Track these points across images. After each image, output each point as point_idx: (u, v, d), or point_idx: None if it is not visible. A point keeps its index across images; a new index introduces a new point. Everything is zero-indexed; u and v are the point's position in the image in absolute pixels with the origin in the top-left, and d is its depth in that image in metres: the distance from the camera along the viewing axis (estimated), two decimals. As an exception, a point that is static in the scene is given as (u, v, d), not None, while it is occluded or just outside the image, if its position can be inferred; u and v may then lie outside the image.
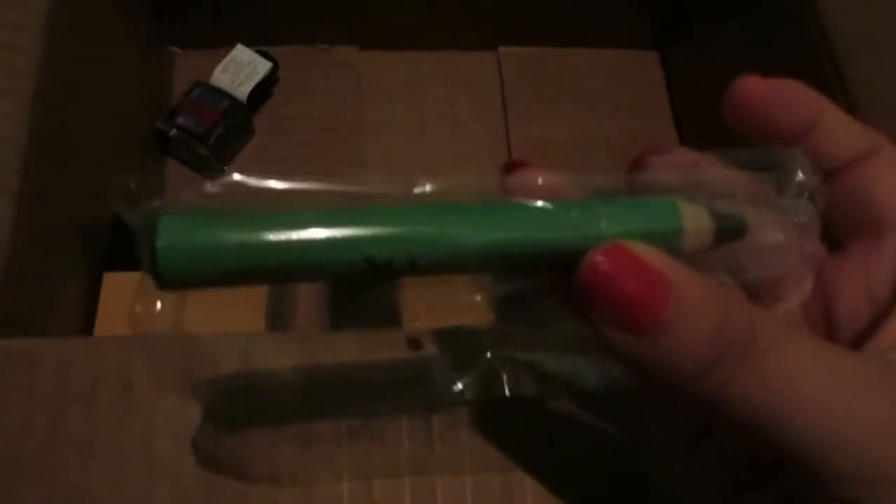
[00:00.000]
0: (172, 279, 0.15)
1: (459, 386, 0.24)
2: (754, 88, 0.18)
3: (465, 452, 0.24)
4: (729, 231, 0.16)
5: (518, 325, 0.25)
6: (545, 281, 0.17)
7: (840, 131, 0.18)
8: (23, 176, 0.27)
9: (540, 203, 0.16)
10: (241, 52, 0.46)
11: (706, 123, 0.47)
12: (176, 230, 0.15)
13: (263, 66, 0.46)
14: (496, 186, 0.17)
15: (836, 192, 0.17)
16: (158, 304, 0.18)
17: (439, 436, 0.24)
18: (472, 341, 0.25)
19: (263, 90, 0.47)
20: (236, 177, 0.15)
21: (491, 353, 0.24)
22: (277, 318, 0.34)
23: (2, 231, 0.26)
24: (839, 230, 0.18)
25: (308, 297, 0.42)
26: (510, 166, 0.17)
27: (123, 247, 0.34)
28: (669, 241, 0.16)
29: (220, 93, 0.44)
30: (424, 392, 0.25)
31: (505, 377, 0.24)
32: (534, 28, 0.50)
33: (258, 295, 0.33)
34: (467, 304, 0.34)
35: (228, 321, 0.32)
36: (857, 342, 0.16)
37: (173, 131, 0.43)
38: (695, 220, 0.16)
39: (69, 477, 0.23)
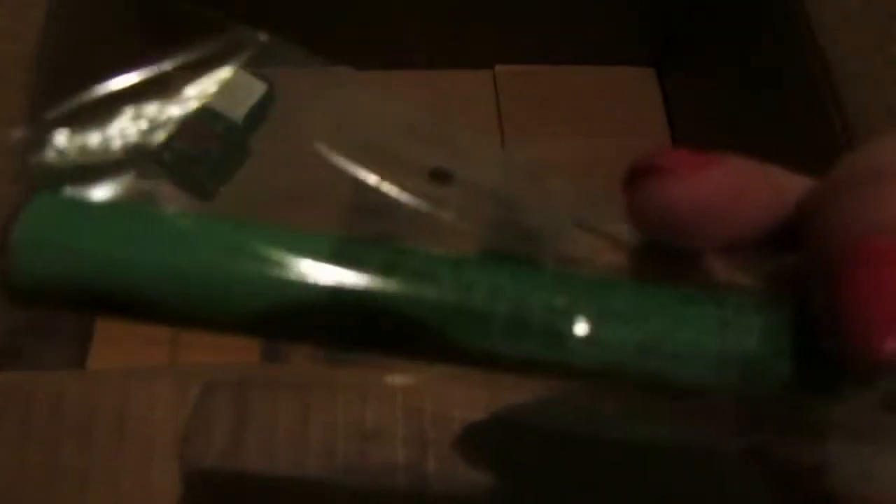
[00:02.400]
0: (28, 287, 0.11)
1: None
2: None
3: (460, 488, 0.24)
4: None
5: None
6: None
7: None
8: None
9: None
10: (236, 74, 0.46)
11: (704, 141, 0.47)
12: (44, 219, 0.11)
13: (259, 88, 0.45)
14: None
15: None
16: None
17: (434, 474, 0.24)
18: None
19: (259, 112, 0.46)
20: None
21: None
22: (272, 349, 0.33)
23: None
24: None
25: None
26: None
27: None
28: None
29: (215, 114, 0.44)
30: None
31: None
32: (530, 46, 0.50)
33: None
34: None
35: (223, 346, 0.32)
36: None
37: (166, 153, 0.43)
38: None
39: (64, 510, 0.23)
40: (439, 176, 0.13)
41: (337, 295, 0.11)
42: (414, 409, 0.24)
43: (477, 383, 0.24)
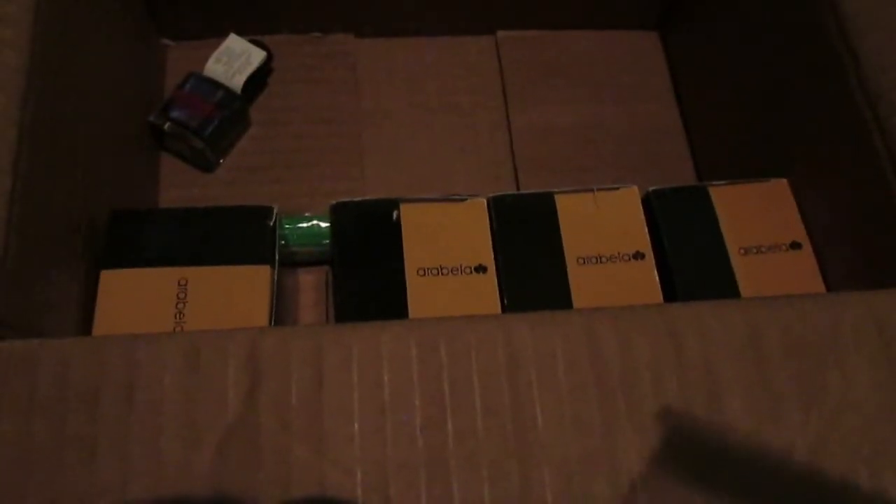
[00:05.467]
0: None
1: None
2: None
3: (480, 445, 0.23)
4: None
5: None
6: None
7: None
8: (14, 175, 0.26)
9: None
10: (235, 42, 0.45)
11: (709, 103, 0.46)
12: None
13: (258, 56, 0.45)
14: None
15: None
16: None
17: (454, 432, 0.23)
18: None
19: (258, 80, 0.46)
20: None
21: None
22: (280, 314, 0.33)
23: (-5, 230, 0.25)
24: None
25: (311, 291, 0.41)
26: None
27: (120, 244, 0.33)
28: None
29: (215, 84, 0.43)
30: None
31: None
32: (532, 11, 0.49)
33: (260, 290, 0.32)
34: (475, 295, 0.33)
35: (230, 317, 0.32)
36: None
37: (167, 125, 0.42)
38: None
39: (73, 480, 0.22)
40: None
41: None
42: (432, 369, 0.24)
43: (494, 340, 0.24)
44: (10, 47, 0.28)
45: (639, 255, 0.34)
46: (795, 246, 0.35)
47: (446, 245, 0.34)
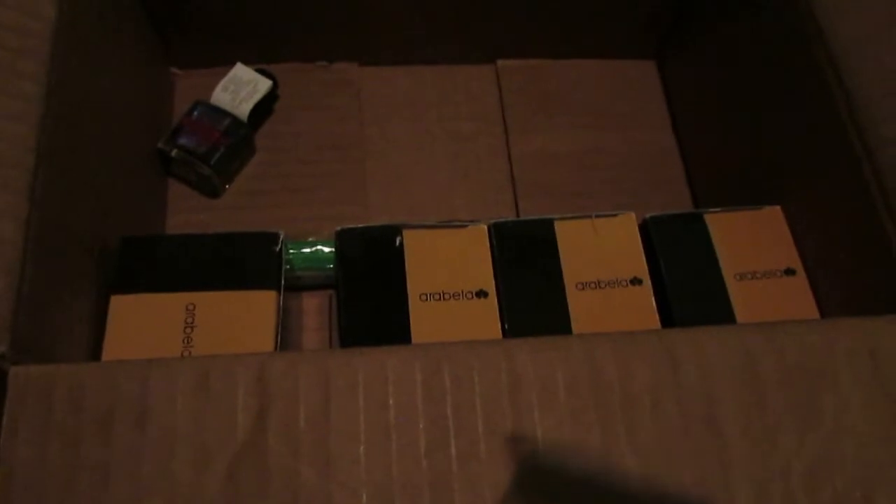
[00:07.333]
0: None
1: None
2: None
3: (483, 467, 0.24)
4: None
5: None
6: None
7: None
8: (32, 200, 0.27)
9: None
10: (241, 71, 0.46)
11: (705, 131, 0.47)
12: None
13: (264, 84, 0.46)
14: None
15: None
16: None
17: (458, 454, 0.24)
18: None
19: (264, 108, 0.47)
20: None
21: None
22: (284, 337, 0.33)
23: (12, 258, 0.26)
24: None
25: (314, 315, 0.42)
26: None
27: (130, 269, 0.34)
28: None
29: (221, 112, 0.44)
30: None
31: None
32: (531, 41, 0.50)
33: (266, 315, 0.33)
34: (476, 320, 0.34)
35: (237, 341, 0.32)
36: None
37: (175, 151, 0.43)
38: None
39: (86, 503, 0.23)
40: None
41: None
42: (435, 393, 0.25)
43: (496, 364, 0.25)
44: (29, 79, 0.29)
45: (636, 281, 0.35)
46: (790, 272, 0.36)
47: (448, 270, 0.35)
